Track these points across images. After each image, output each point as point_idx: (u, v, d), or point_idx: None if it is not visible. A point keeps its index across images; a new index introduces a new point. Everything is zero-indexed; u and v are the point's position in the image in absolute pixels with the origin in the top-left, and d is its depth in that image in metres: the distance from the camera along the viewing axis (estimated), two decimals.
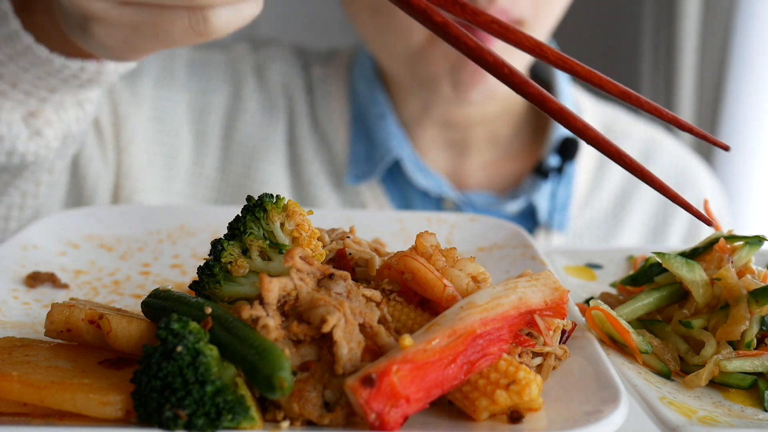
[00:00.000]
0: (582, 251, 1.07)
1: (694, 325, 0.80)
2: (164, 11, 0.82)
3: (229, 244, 0.75)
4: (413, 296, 0.75)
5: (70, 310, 0.73)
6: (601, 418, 0.63)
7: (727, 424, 0.69)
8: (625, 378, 0.73)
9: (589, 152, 1.70)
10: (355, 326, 0.67)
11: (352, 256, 0.82)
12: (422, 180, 1.60)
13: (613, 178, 1.72)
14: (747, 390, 0.77)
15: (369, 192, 1.63)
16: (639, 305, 0.84)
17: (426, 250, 0.77)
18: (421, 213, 1.15)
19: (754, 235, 0.85)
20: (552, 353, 0.74)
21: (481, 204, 1.62)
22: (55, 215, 1.07)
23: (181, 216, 1.11)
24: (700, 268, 0.82)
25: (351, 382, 0.62)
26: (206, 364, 0.62)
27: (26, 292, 0.90)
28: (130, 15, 0.83)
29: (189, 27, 0.82)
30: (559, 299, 0.73)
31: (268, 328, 0.66)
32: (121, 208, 1.13)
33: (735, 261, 0.84)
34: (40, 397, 0.63)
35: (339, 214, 1.16)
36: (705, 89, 2.93)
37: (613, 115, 1.81)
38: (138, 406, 0.62)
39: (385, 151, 1.59)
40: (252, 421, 0.62)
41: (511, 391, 0.65)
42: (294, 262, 0.69)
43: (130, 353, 0.71)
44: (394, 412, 0.62)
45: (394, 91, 1.64)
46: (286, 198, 0.77)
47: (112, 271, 0.99)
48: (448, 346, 0.65)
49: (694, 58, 2.91)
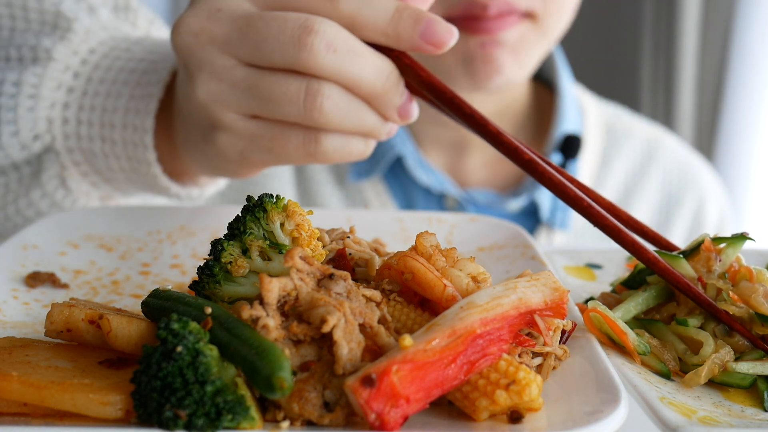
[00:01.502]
0: (582, 251, 1.07)
1: (690, 323, 0.80)
2: (284, 128, 0.89)
3: (229, 244, 0.75)
4: (413, 296, 0.75)
5: (70, 310, 0.73)
6: (601, 418, 0.63)
7: (727, 424, 0.69)
8: (625, 378, 0.73)
9: (591, 151, 1.70)
10: (355, 326, 0.67)
11: (352, 256, 0.82)
12: (424, 177, 1.60)
13: (616, 177, 1.72)
14: (747, 390, 0.77)
15: (371, 189, 1.63)
16: (632, 305, 0.84)
17: (426, 250, 0.77)
18: (421, 213, 1.15)
19: (736, 235, 0.85)
20: (552, 353, 0.74)
21: (483, 201, 1.63)
22: (55, 215, 1.07)
23: (181, 216, 1.11)
24: (687, 264, 0.83)
25: (351, 382, 0.62)
26: (206, 364, 0.62)
27: (26, 292, 0.90)
28: (253, 128, 0.91)
29: (302, 145, 0.90)
30: (559, 299, 0.73)
31: (268, 328, 0.66)
32: (121, 208, 1.13)
33: (723, 260, 0.84)
34: (40, 397, 0.63)
35: (339, 213, 1.15)
36: (705, 89, 2.93)
37: (615, 114, 1.81)
38: (138, 406, 0.62)
39: (387, 147, 1.60)
40: (252, 421, 0.62)
41: (511, 391, 0.65)
42: (294, 262, 0.69)
43: (130, 353, 0.71)
44: (394, 412, 0.62)
45: None
46: (286, 198, 0.77)
47: (112, 271, 0.99)
48: (448, 346, 0.65)
49: (694, 58, 2.91)
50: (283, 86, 0.86)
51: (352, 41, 0.86)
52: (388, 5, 0.86)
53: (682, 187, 1.76)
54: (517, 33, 1.39)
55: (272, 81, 0.86)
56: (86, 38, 1.15)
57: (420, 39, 0.86)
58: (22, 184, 1.18)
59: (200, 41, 0.88)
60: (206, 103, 0.90)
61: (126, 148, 1.12)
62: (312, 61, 0.84)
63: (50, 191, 1.16)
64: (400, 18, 0.86)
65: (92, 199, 1.21)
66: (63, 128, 1.13)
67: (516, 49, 1.40)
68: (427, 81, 0.88)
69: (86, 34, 1.15)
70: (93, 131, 1.13)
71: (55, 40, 1.13)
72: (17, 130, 1.13)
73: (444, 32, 0.86)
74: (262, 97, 0.87)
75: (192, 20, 0.89)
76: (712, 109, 2.90)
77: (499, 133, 0.84)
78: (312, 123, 0.87)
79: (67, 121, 1.13)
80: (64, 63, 1.12)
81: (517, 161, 0.84)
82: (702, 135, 2.99)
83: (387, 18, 0.86)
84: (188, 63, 0.91)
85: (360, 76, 0.86)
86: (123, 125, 1.10)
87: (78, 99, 1.13)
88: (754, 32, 2.66)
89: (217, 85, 0.89)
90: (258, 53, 0.86)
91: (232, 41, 0.87)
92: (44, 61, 1.12)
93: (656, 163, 1.75)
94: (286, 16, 0.85)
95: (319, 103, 0.86)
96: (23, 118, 1.12)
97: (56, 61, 1.12)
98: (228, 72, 0.88)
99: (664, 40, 2.99)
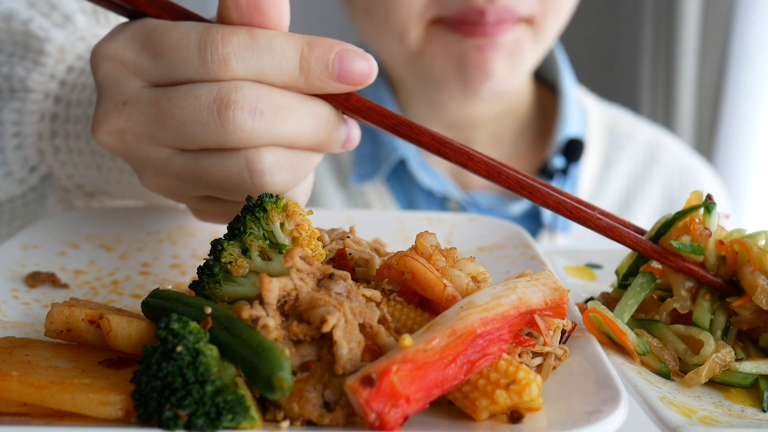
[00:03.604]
0: (582, 251, 1.08)
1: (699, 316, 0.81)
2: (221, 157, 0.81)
3: (229, 244, 0.75)
4: (413, 296, 0.75)
5: (70, 310, 0.73)
6: (601, 418, 0.63)
7: (727, 424, 0.69)
8: (625, 378, 0.73)
9: (594, 153, 1.70)
10: (355, 326, 0.67)
11: (352, 256, 0.82)
12: (427, 180, 1.60)
13: (618, 180, 1.72)
14: (747, 390, 0.77)
15: (374, 192, 1.63)
16: (627, 305, 0.84)
17: (426, 250, 0.77)
18: (421, 213, 1.15)
19: (704, 204, 0.85)
20: (552, 353, 0.74)
21: (486, 204, 1.63)
22: (55, 215, 1.07)
23: (181, 216, 1.11)
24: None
25: (351, 382, 0.62)
26: (206, 364, 0.62)
27: (26, 292, 0.90)
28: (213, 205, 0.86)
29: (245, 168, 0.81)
30: (559, 299, 0.73)
31: (268, 328, 0.66)
32: (122, 208, 1.13)
33: (712, 230, 0.84)
34: (40, 397, 0.63)
35: (339, 214, 1.16)
36: (705, 89, 2.93)
37: (617, 116, 1.81)
38: (138, 406, 0.62)
39: (390, 150, 1.60)
40: (252, 421, 0.62)
41: (511, 391, 0.65)
42: (294, 262, 0.69)
43: (130, 353, 0.71)
44: (394, 412, 0.62)
45: (398, 90, 1.64)
46: (285, 198, 0.77)
47: (112, 271, 0.99)
48: (448, 346, 0.65)
49: (694, 58, 2.91)
50: (225, 170, 0.80)
51: (277, 96, 0.77)
52: (291, 54, 0.77)
53: (683, 189, 1.76)
54: (514, 36, 1.39)
55: (210, 165, 0.80)
56: (62, 57, 1.08)
57: (338, 83, 0.78)
58: (28, 210, 1.15)
59: (128, 141, 0.81)
60: (162, 193, 0.86)
61: (123, 175, 1.08)
62: (239, 134, 0.76)
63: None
64: (309, 67, 0.77)
65: None
66: (56, 157, 1.09)
67: (512, 53, 1.40)
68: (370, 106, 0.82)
69: (61, 53, 1.08)
70: (86, 159, 1.08)
71: (28, 68, 1.07)
72: (9, 171, 1.08)
73: (362, 67, 0.78)
74: (209, 184, 0.82)
75: (106, 122, 0.81)
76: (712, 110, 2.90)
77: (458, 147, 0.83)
78: (265, 191, 0.81)
79: (59, 149, 1.08)
80: (42, 91, 1.06)
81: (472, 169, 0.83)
82: (702, 135, 2.99)
83: (295, 70, 0.77)
84: (130, 163, 0.86)
85: (297, 132, 0.79)
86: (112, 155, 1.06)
87: (63, 126, 1.07)
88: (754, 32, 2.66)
89: (163, 179, 0.84)
90: (184, 140, 0.79)
91: (155, 134, 0.79)
92: (21, 93, 1.06)
93: (658, 165, 1.75)
94: (195, 91, 0.77)
95: (266, 177, 0.80)
96: (12, 158, 1.07)
97: (34, 92, 1.06)
98: (167, 165, 0.82)
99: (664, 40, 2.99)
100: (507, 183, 0.83)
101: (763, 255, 0.80)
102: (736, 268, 0.82)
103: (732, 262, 0.83)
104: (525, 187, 0.83)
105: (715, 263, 0.83)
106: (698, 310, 0.82)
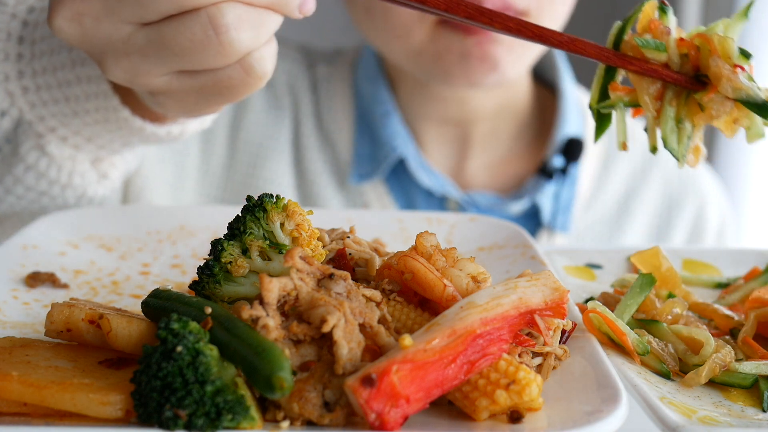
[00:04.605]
0: (582, 251, 1.07)
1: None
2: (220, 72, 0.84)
3: (229, 244, 0.75)
4: (413, 296, 0.75)
5: (70, 310, 0.73)
6: (601, 418, 0.63)
7: (727, 424, 0.69)
8: (625, 378, 0.73)
9: (593, 153, 1.70)
10: (355, 326, 0.67)
11: (352, 256, 0.82)
12: (426, 179, 1.60)
13: (617, 180, 1.72)
14: (747, 390, 0.77)
15: (373, 191, 1.63)
16: (627, 305, 0.84)
17: (426, 250, 0.77)
18: (421, 213, 1.15)
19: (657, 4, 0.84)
20: (552, 353, 0.74)
21: (485, 204, 1.63)
22: (55, 215, 1.07)
23: (181, 216, 1.11)
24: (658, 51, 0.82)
25: (351, 382, 0.62)
26: (206, 364, 0.62)
27: (26, 292, 0.90)
28: (185, 81, 0.86)
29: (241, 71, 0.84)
30: (559, 299, 0.73)
31: (268, 328, 0.66)
32: (121, 208, 1.13)
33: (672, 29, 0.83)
34: (40, 397, 0.63)
35: (339, 214, 1.16)
36: None
37: None
38: (138, 406, 0.62)
39: (389, 149, 1.60)
40: (252, 421, 0.62)
41: (511, 391, 0.65)
42: (294, 262, 0.69)
43: (130, 353, 0.71)
44: (394, 412, 0.62)
45: (398, 89, 1.64)
46: (286, 198, 0.77)
47: (112, 271, 0.99)
48: (448, 346, 0.65)
49: None
50: (188, 32, 0.80)
51: None
52: None
53: (682, 191, 1.76)
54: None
55: (174, 31, 0.81)
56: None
57: None
58: (4, 163, 1.14)
59: (86, 25, 0.82)
60: (128, 81, 0.86)
61: (90, 101, 1.07)
62: None
63: (32, 163, 1.13)
64: None
65: (80, 164, 1.16)
66: (26, 98, 1.09)
67: (512, 45, 1.41)
68: None
69: None
70: (55, 93, 1.08)
71: None
72: None
73: None
74: (175, 53, 0.82)
75: (63, 7, 0.81)
76: None
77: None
78: (231, 55, 0.82)
79: (27, 90, 1.08)
80: (5, 31, 1.07)
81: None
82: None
83: None
84: (90, 51, 0.86)
85: None
86: (77, 79, 1.06)
87: (29, 64, 1.08)
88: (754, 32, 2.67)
89: (127, 61, 0.83)
90: (144, 9, 0.79)
91: (114, 10, 0.81)
92: None
93: (657, 165, 1.75)
94: None
95: (231, 32, 0.80)
96: None
97: None
98: (129, 43, 0.82)
99: None
100: (466, 13, 0.81)
101: (725, 40, 0.78)
102: (700, 63, 0.81)
103: (695, 59, 0.81)
104: (485, 14, 0.81)
105: (678, 61, 0.82)
106: (663, 119, 0.81)
